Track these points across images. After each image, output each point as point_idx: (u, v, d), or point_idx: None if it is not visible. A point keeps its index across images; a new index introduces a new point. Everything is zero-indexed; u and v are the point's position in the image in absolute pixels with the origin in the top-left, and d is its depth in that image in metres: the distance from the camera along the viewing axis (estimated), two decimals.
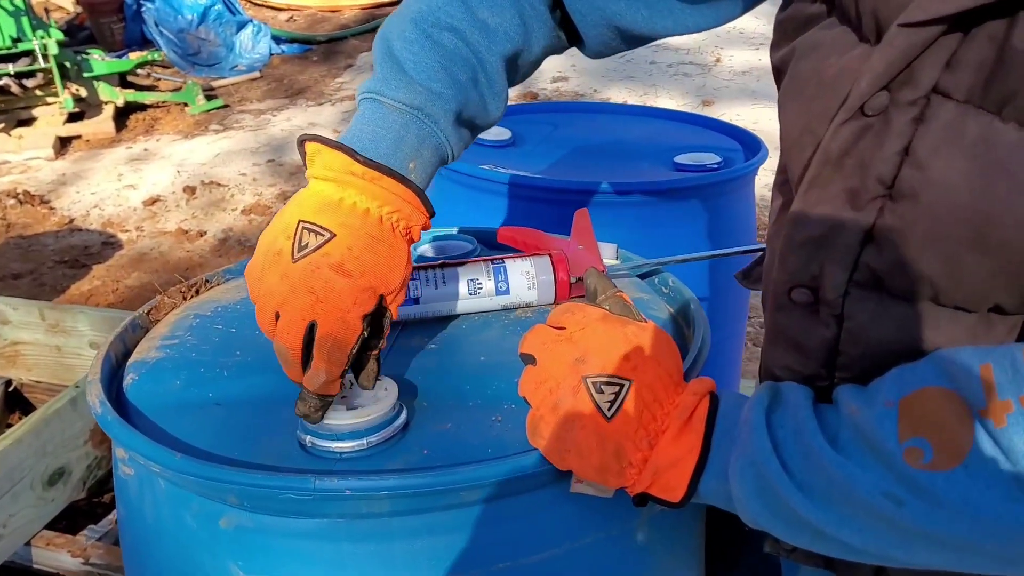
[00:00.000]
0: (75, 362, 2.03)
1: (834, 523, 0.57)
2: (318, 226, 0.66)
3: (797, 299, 0.62)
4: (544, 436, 0.64)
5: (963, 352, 0.53)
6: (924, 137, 0.53)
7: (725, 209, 1.50)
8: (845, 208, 0.57)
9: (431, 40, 0.70)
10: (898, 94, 0.54)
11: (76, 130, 4.56)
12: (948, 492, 0.52)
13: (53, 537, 1.65)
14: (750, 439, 0.59)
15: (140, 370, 0.80)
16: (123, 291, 3.09)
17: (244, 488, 0.63)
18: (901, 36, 0.52)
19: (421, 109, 0.69)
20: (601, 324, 0.65)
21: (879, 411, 0.55)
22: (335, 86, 5.27)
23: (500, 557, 0.67)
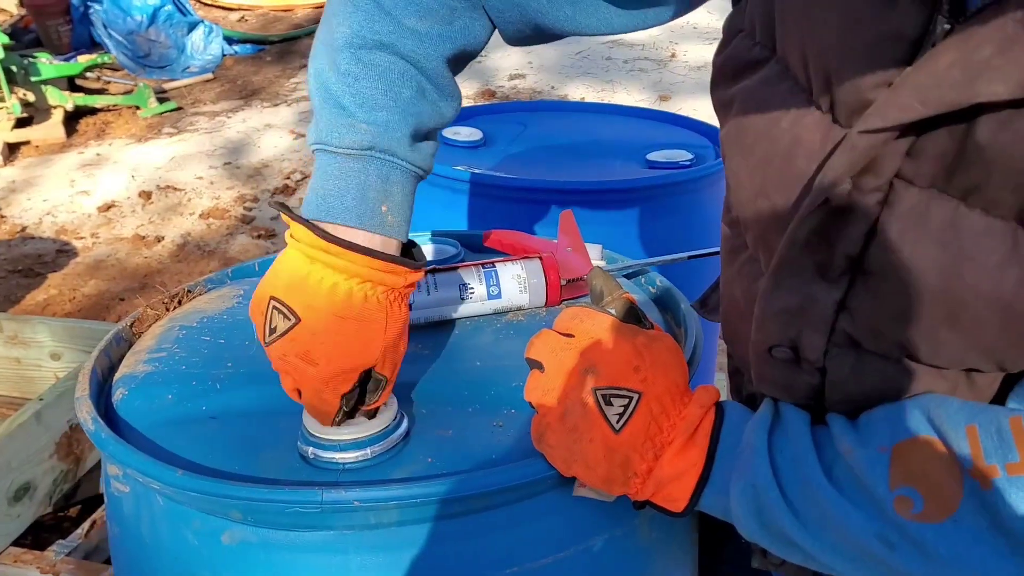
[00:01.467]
0: (35, 374, 1.98)
1: (828, 553, 0.58)
2: (286, 307, 0.65)
3: (778, 355, 0.62)
4: (551, 444, 0.64)
5: (951, 405, 0.54)
6: (890, 219, 0.53)
7: (698, 206, 1.52)
8: (816, 280, 0.57)
9: (364, 64, 0.66)
10: (860, 180, 0.53)
11: (25, 136, 4.44)
12: (937, 545, 0.52)
13: (20, 554, 1.60)
14: (751, 461, 0.60)
15: (129, 384, 0.79)
16: (81, 300, 3.02)
17: (249, 503, 0.63)
18: (863, 141, 0.51)
19: (374, 147, 0.66)
20: (610, 333, 0.65)
21: (871, 455, 0.55)
22: (290, 86, 5.21)
23: (508, 562, 0.67)
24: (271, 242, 3.35)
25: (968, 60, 0.46)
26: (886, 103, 0.50)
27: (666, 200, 1.46)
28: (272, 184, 3.84)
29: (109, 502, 0.76)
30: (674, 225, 1.47)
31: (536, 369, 0.66)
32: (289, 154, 4.17)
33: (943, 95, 0.47)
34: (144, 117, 4.74)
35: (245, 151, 4.23)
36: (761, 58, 0.62)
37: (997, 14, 0.46)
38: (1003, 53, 0.45)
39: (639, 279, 0.98)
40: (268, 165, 4.06)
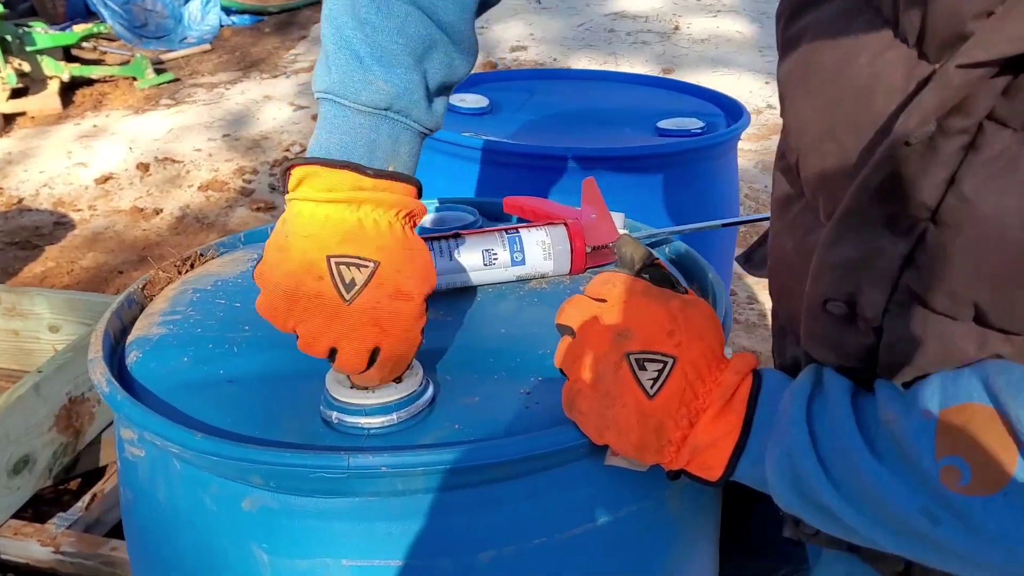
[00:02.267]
0: (34, 346, 1.96)
1: (868, 526, 0.55)
2: (355, 258, 0.62)
3: (833, 311, 0.59)
4: (582, 411, 0.62)
5: (1014, 372, 0.51)
6: (973, 166, 0.50)
7: (710, 175, 1.50)
8: (884, 233, 0.54)
9: (384, 14, 0.62)
10: (947, 121, 0.49)
11: (20, 106, 4.39)
12: (985, 520, 0.50)
13: (21, 526, 1.59)
14: (788, 430, 0.57)
15: (143, 347, 0.76)
16: (79, 272, 2.99)
17: (272, 468, 0.60)
18: (959, 76, 0.47)
19: (391, 108, 0.63)
20: (644, 298, 0.62)
21: (917, 423, 0.52)
22: (289, 58, 5.15)
23: (536, 532, 0.65)
24: (270, 215, 3.32)
25: None
26: (992, 33, 0.46)
27: (678, 168, 1.43)
28: (271, 156, 3.81)
29: (122, 467, 0.74)
30: (685, 193, 1.45)
31: (567, 335, 0.64)
32: (288, 126, 4.13)
33: None
34: (141, 88, 4.70)
35: (244, 123, 4.19)
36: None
37: None
38: None
39: (663, 248, 0.96)
40: (267, 137, 4.02)
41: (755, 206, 3.19)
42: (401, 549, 0.63)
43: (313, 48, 5.26)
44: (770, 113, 4.03)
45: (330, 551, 0.63)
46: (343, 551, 0.63)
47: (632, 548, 0.70)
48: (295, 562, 0.64)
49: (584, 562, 0.67)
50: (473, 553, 0.63)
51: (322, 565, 0.63)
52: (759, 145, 3.73)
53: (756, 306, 2.57)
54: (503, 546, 0.64)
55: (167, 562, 0.71)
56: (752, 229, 2.95)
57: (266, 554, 0.64)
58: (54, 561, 1.53)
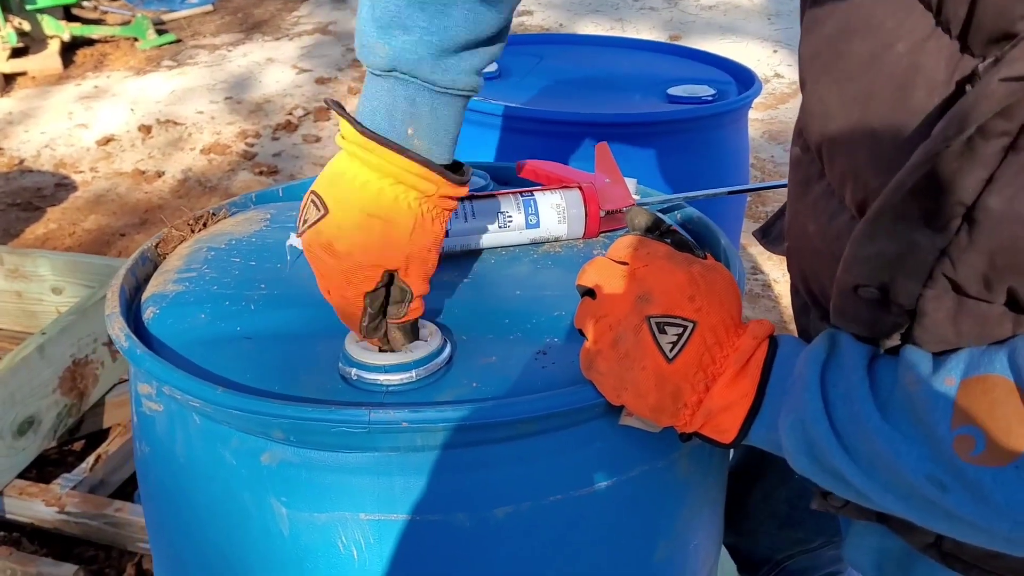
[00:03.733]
0: (37, 308, 1.96)
1: (879, 491, 0.55)
2: (320, 200, 0.66)
3: (864, 295, 0.58)
4: (601, 371, 0.62)
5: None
6: (1012, 167, 0.48)
7: (720, 143, 1.49)
8: (920, 228, 0.53)
9: None
10: (988, 124, 0.48)
11: (21, 66, 4.36)
12: (994, 490, 0.50)
13: (26, 486, 1.60)
14: (802, 396, 0.58)
15: (160, 303, 0.77)
16: (81, 234, 2.98)
17: (293, 422, 0.61)
18: (1002, 88, 0.46)
19: (395, 69, 0.63)
20: (666, 262, 0.62)
21: (938, 389, 0.52)
22: (292, 20, 5.11)
23: (551, 489, 0.66)
24: (273, 179, 3.32)
25: None
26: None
27: (688, 135, 1.43)
28: (274, 120, 3.79)
29: (139, 421, 0.75)
30: (695, 160, 1.45)
31: (587, 296, 0.65)
32: (292, 89, 4.10)
33: None
34: (143, 49, 4.66)
35: (247, 86, 4.17)
36: None
37: None
38: None
39: (675, 214, 0.96)
40: (270, 100, 4.00)
41: (761, 176, 3.18)
42: (419, 504, 0.64)
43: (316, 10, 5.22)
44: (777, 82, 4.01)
45: (348, 505, 0.64)
46: (361, 505, 0.64)
47: (642, 507, 0.71)
48: (313, 515, 0.64)
49: (597, 519, 0.68)
50: (489, 508, 0.64)
51: (340, 519, 0.64)
52: (766, 115, 3.71)
53: (760, 276, 2.57)
54: (519, 502, 0.65)
55: (183, 515, 0.72)
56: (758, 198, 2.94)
57: (284, 508, 0.65)
58: (59, 521, 1.55)
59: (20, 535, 1.57)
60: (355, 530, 0.64)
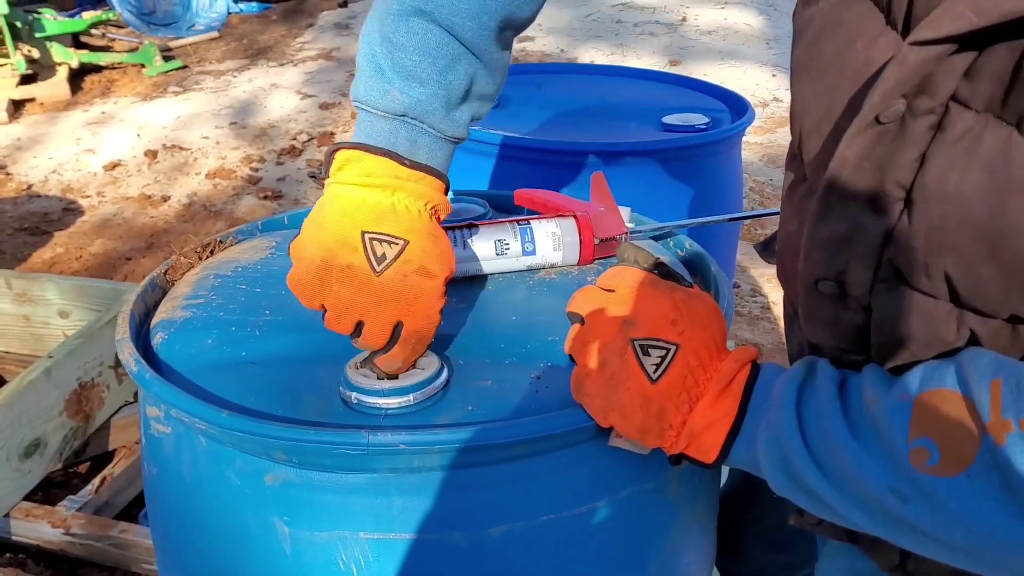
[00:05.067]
0: (44, 332, 1.98)
1: (847, 505, 0.58)
2: (387, 235, 0.68)
3: (824, 290, 0.62)
4: (589, 393, 0.65)
5: (983, 359, 0.53)
6: (940, 145, 0.52)
7: (714, 170, 1.52)
8: (866, 209, 0.57)
9: (405, 32, 0.68)
10: (915, 101, 0.52)
11: (29, 92, 4.42)
12: (948, 498, 0.52)
13: (32, 508, 1.62)
14: (778, 414, 0.60)
15: (168, 329, 0.79)
16: (88, 259, 3.02)
17: (294, 444, 0.64)
18: (914, 54, 0.50)
19: (406, 114, 0.69)
20: (650, 288, 0.66)
21: (894, 404, 0.55)
22: (296, 46, 5.17)
23: (544, 510, 0.68)
24: (278, 203, 3.35)
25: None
26: (940, 13, 0.49)
27: (682, 163, 1.46)
28: (279, 145, 3.83)
29: (147, 443, 0.78)
30: (689, 188, 1.48)
31: (577, 323, 0.67)
32: (296, 114, 4.15)
33: (999, 4, 0.46)
34: (149, 75, 4.72)
35: (251, 111, 4.22)
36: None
37: None
38: None
39: (667, 241, 0.99)
40: (275, 125, 4.04)
41: (760, 199, 3.21)
42: (416, 523, 0.66)
43: (320, 36, 5.28)
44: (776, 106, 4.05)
45: (348, 524, 0.66)
46: (361, 524, 0.66)
47: (633, 527, 0.73)
48: (315, 534, 0.67)
49: (589, 539, 0.70)
50: (485, 527, 0.67)
51: (340, 537, 0.67)
52: (765, 138, 3.75)
53: (760, 299, 2.59)
54: (513, 522, 0.67)
55: (190, 534, 0.74)
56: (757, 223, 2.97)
57: (287, 527, 0.67)
58: (64, 543, 1.57)
59: (26, 557, 1.59)
60: (355, 548, 0.67)
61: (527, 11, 0.73)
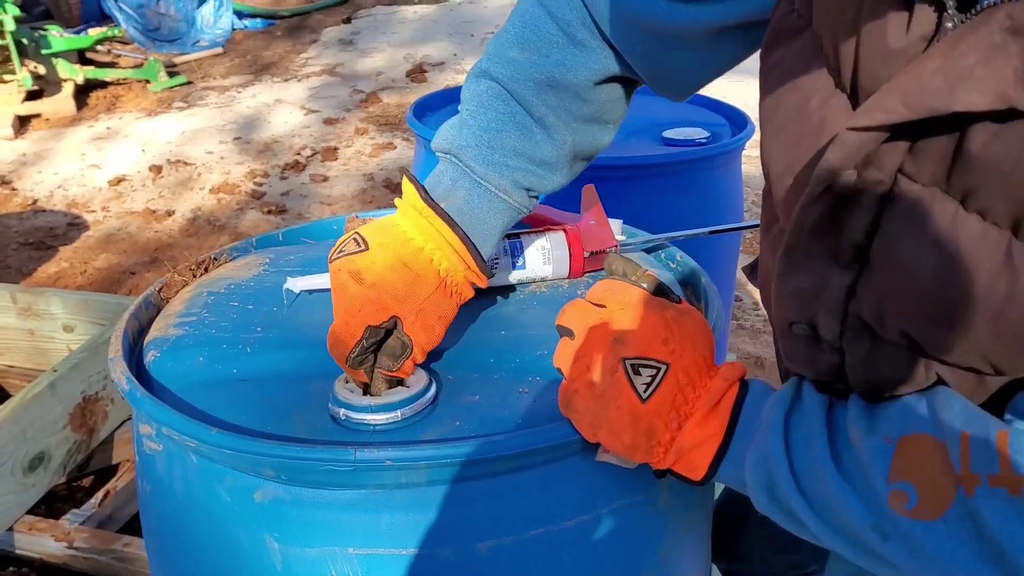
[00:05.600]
0: (49, 346, 1.99)
1: (830, 534, 0.59)
2: (362, 239, 0.73)
3: (798, 332, 0.63)
4: (578, 410, 0.65)
5: (954, 408, 0.55)
6: (892, 214, 0.53)
7: (714, 184, 1.53)
8: (829, 265, 0.58)
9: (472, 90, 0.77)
10: (864, 173, 0.53)
11: (35, 108, 4.45)
12: (925, 542, 0.53)
13: (35, 522, 1.63)
14: (766, 436, 0.61)
15: (161, 347, 0.80)
16: (92, 273, 3.04)
17: (283, 461, 0.64)
18: (852, 136, 0.51)
19: (449, 152, 0.76)
20: (641, 306, 0.66)
21: (877, 445, 0.56)
22: (300, 62, 5.20)
23: (532, 523, 0.68)
24: (281, 218, 3.37)
25: (951, 67, 0.46)
26: (873, 104, 0.50)
27: (682, 177, 1.47)
28: (283, 160, 3.85)
29: (140, 461, 0.78)
30: (690, 202, 1.48)
31: (566, 336, 0.68)
32: (300, 130, 4.18)
33: (925, 101, 0.47)
34: (154, 91, 4.75)
35: (255, 126, 4.24)
36: (798, 26, 0.62)
37: (987, 20, 0.45)
38: (986, 63, 0.44)
39: (659, 254, 0.99)
40: (278, 141, 4.07)
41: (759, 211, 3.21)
42: (405, 538, 0.66)
43: (324, 52, 5.31)
44: None
45: (338, 540, 0.67)
46: (350, 540, 0.67)
47: (624, 540, 0.73)
48: (304, 550, 0.67)
49: (578, 552, 0.70)
50: (473, 543, 0.67)
51: (330, 553, 0.67)
52: None
53: (761, 312, 2.59)
54: (502, 536, 0.67)
55: (183, 551, 0.75)
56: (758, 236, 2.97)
57: (277, 543, 0.68)
58: (67, 556, 1.57)
59: (29, 570, 1.60)
60: (344, 564, 0.67)
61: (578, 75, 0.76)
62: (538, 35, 0.76)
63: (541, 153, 0.77)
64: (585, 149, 0.81)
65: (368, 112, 4.34)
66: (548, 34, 0.76)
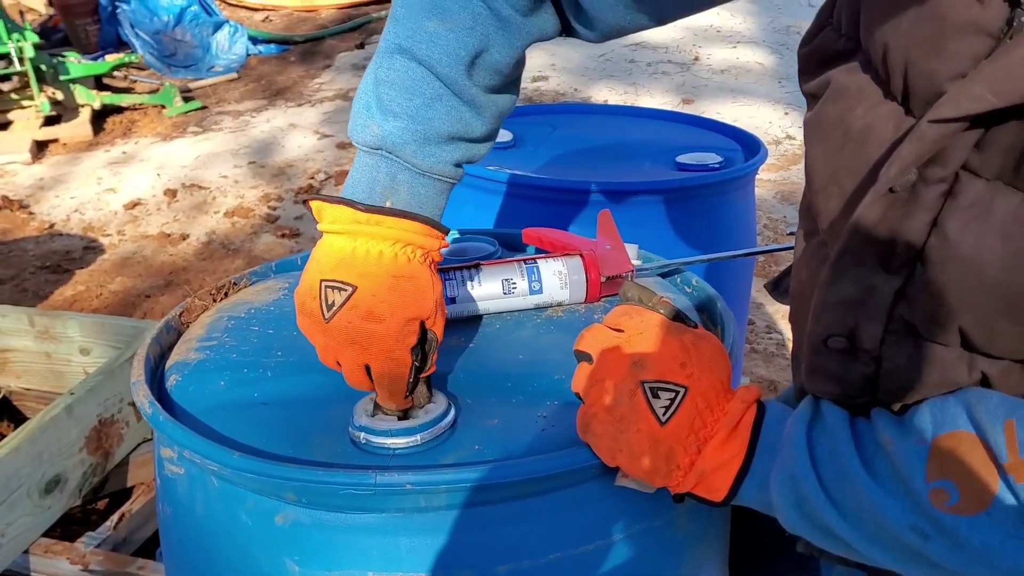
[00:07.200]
0: (65, 369, 2.00)
1: (864, 542, 0.59)
2: (339, 282, 0.70)
3: (834, 346, 0.63)
4: (597, 434, 0.66)
5: (991, 400, 0.55)
6: (952, 211, 0.54)
7: (727, 208, 1.53)
8: (878, 271, 0.59)
9: (388, 68, 0.70)
10: (926, 171, 0.54)
11: (53, 134, 4.50)
12: (970, 537, 0.54)
13: (51, 544, 1.63)
14: (791, 454, 0.62)
15: (182, 371, 0.81)
16: (108, 296, 3.06)
17: (304, 484, 0.65)
18: (932, 130, 0.52)
19: (381, 148, 0.71)
20: (660, 330, 0.67)
21: (911, 447, 0.57)
22: (314, 87, 5.25)
23: (551, 548, 0.68)
24: (295, 241, 3.39)
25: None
26: (959, 93, 0.51)
27: (695, 202, 1.47)
28: (297, 184, 3.88)
29: (161, 484, 0.79)
30: (702, 227, 1.49)
31: (584, 361, 0.68)
32: (313, 154, 4.20)
33: (1016, 87, 0.48)
34: (170, 116, 4.79)
35: (270, 150, 4.27)
36: (846, 50, 0.63)
37: None
38: None
39: (675, 278, 1.00)
40: (292, 165, 4.10)
41: (774, 236, 3.21)
42: (424, 562, 0.67)
43: (337, 77, 5.36)
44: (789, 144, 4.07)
45: (358, 563, 0.67)
46: (370, 563, 0.67)
47: (642, 565, 0.73)
48: (325, 574, 0.68)
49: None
50: (492, 566, 0.67)
51: None
52: (778, 175, 3.76)
53: (775, 336, 2.59)
54: (520, 560, 0.68)
55: (204, 573, 0.75)
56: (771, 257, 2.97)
57: (297, 566, 0.68)
58: None
59: None
60: None
61: (503, 54, 0.71)
62: (459, 4, 0.68)
63: (473, 131, 0.73)
64: (505, 110, 0.76)
65: None
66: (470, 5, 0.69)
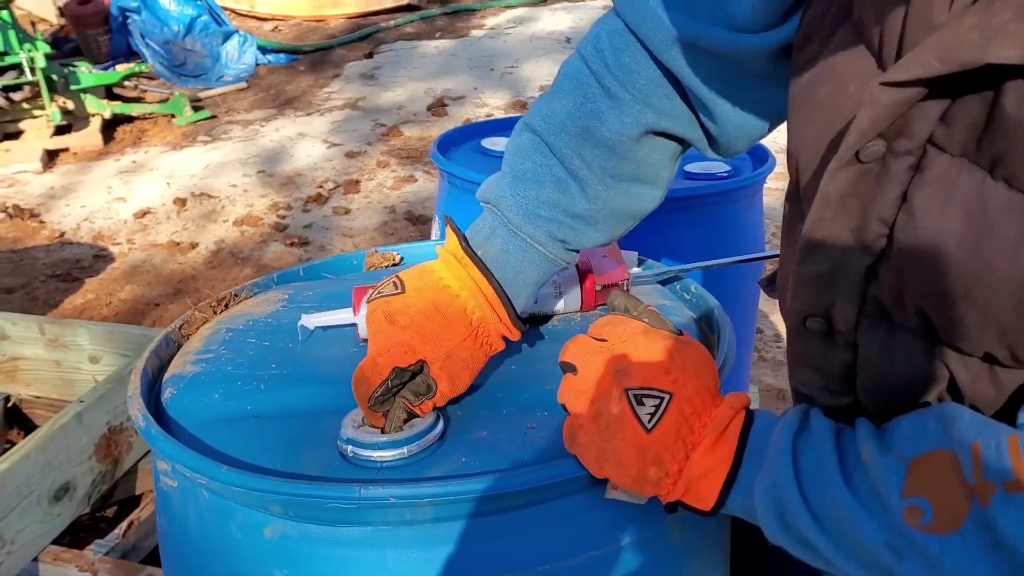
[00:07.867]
0: (75, 377, 2.02)
1: (842, 557, 0.59)
2: (400, 282, 0.76)
3: (812, 327, 0.63)
4: (583, 445, 0.66)
5: (964, 419, 0.54)
6: (920, 186, 0.54)
7: (735, 217, 1.53)
8: (850, 245, 0.58)
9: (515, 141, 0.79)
10: (894, 143, 0.54)
11: (64, 143, 4.54)
12: (942, 557, 0.53)
13: (60, 552, 1.64)
14: (775, 462, 0.61)
15: (178, 384, 0.82)
16: (117, 304, 3.08)
17: (289, 498, 0.65)
18: (885, 94, 0.52)
19: (488, 200, 0.79)
20: (643, 337, 0.67)
21: (890, 464, 0.56)
22: (323, 96, 5.27)
23: (540, 560, 0.68)
24: (304, 250, 3.40)
25: (987, 23, 0.47)
26: (909, 59, 0.51)
27: (704, 211, 1.47)
28: (305, 193, 3.90)
29: (158, 496, 0.79)
30: (711, 235, 1.49)
31: (569, 372, 0.68)
32: (322, 163, 4.23)
33: (958, 54, 0.48)
34: (179, 125, 4.83)
35: (279, 159, 4.30)
36: (837, 19, 0.63)
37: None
38: (1019, 19, 0.46)
39: (674, 286, 1.00)
40: (301, 174, 4.12)
41: None
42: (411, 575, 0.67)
43: (346, 87, 5.38)
44: None
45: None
46: None
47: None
48: None
49: None
50: None
51: None
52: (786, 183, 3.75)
53: (782, 344, 2.58)
54: (509, 572, 0.68)
55: None
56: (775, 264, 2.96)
57: None
58: None
59: None
60: None
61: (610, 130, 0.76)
62: (576, 84, 0.77)
63: (575, 207, 0.78)
64: (624, 208, 0.81)
65: (390, 145, 4.39)
66: (584, 83, 0.77)
